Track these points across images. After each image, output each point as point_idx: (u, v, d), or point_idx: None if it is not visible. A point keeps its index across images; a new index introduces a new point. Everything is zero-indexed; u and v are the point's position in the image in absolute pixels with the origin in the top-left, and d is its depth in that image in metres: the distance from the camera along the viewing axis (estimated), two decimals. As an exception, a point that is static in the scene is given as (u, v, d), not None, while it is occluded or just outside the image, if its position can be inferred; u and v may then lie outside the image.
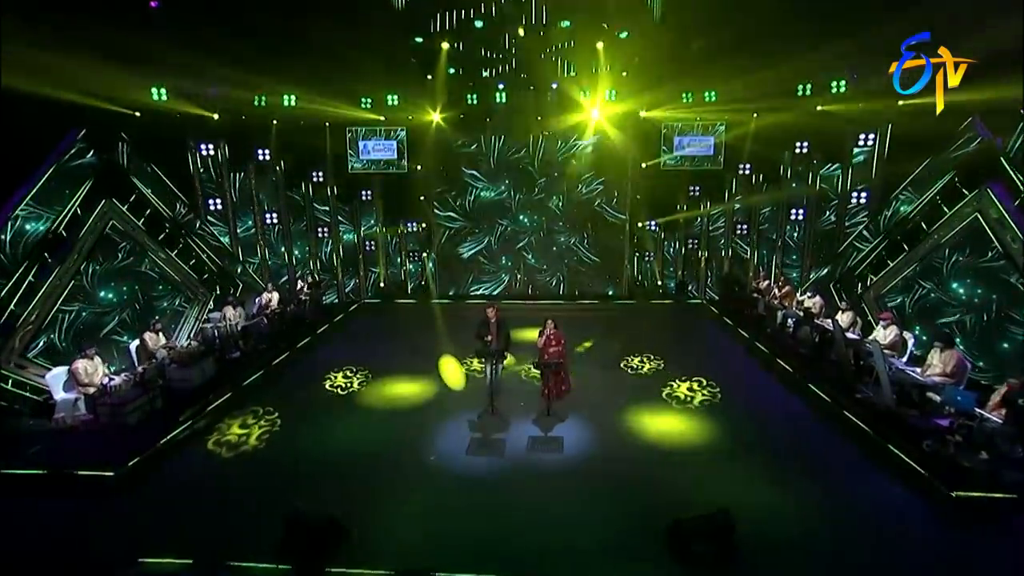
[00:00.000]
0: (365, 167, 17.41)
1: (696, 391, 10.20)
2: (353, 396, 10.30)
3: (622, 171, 17.40)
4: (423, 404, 9.95)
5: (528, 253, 18.11)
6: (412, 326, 15.15)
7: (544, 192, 17.66)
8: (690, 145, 17.27)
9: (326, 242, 17.38)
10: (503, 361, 9.81)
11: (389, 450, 8.24)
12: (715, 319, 15.37)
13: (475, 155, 17.55)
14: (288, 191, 16.27)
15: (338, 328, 15.01)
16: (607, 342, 13.28)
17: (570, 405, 9.58)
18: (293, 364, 12.03)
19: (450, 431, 8.76)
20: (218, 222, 14.93)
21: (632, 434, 8.59)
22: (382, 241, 18.12)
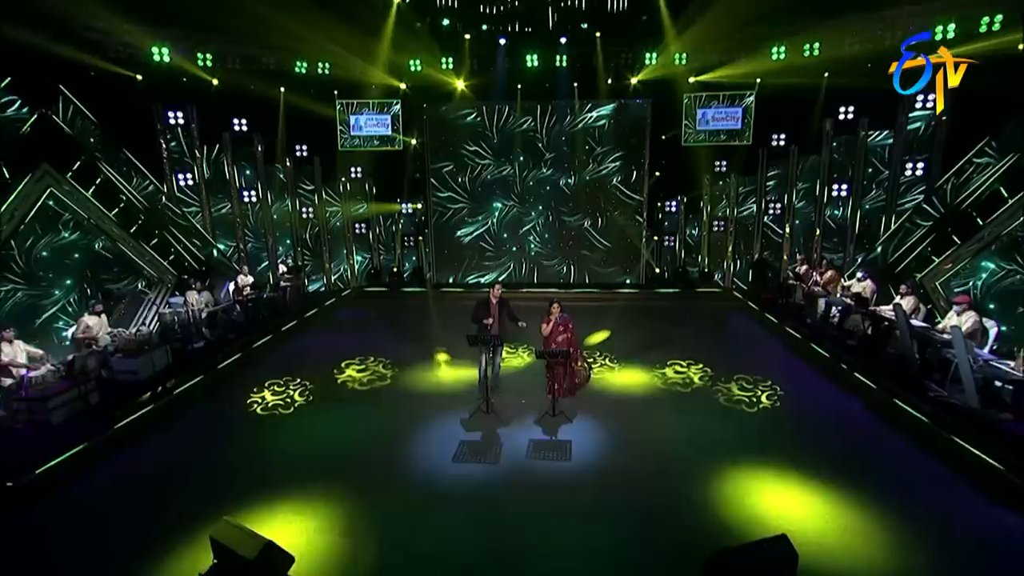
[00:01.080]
0: (358, 145, 16.27)
1: (732, 390, 8.89)
2: (325, 391, 9.10)
3: (640, 145, 16.06)
4: (404, 400, 8.74)
5: (534, 237, 16.83)
6: (402, 316, 13.99)
7: (553, 169, 16.37)
8: (715, 118, 15.99)
9: (312, 224, 16.23)
10: (502, 349, 8.58)
11: (362, 454, 7.03)
12: (745, 309, 14.05)
13: (476, 127, 16.29)
14: (269, 166, 15.11)
15: (321, 317, 13.88)
16: (624, 335, 12.02)
17: (580, 404, 8.33)
18: (267, 354, 10.88)
19: (434, 433, 7.54)
20: (189, 199, 13.79)
21: (655, 439, 7.30)
22: (373, 223, 16.96)
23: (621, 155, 16.18)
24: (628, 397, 8.72)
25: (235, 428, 7.83)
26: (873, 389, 8.30)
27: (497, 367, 8.70)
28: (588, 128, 16.12)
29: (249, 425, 7.92)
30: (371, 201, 16.87)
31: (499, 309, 8.41)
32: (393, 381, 9.53)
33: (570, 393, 8.52)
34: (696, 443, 7.14)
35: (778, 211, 14.90)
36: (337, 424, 7.94)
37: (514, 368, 10.15)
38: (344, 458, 6.93)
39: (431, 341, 11.40)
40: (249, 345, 10.74)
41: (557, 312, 8.31)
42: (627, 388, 9.10)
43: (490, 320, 8.27)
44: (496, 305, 8.44)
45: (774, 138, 14.57)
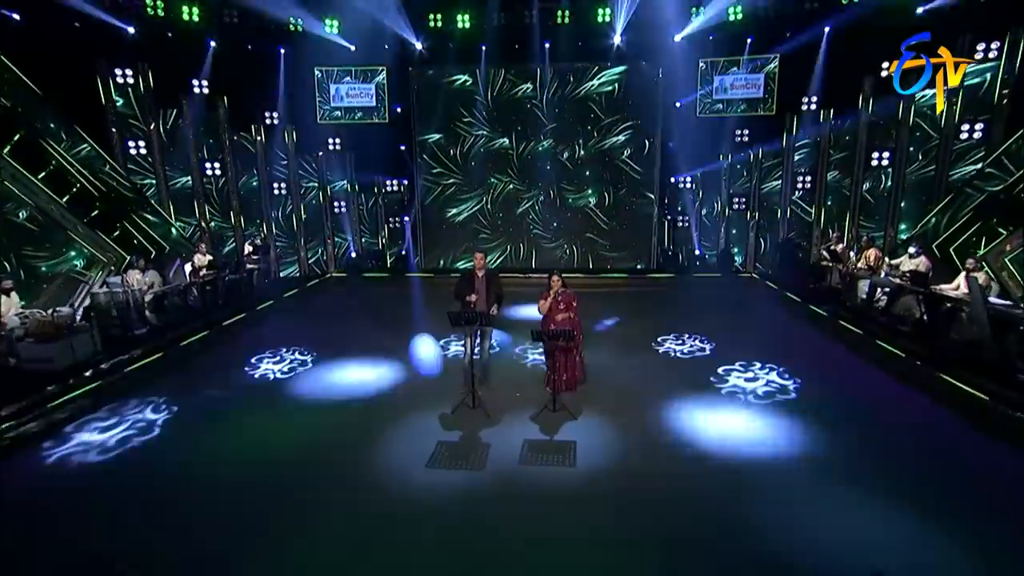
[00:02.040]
0: (338, 117, 15.12)
1: (767, 382, 7.63)
2: (283, 385, 7.86)
3: (652, 114, 14.83)
4: (376, 394, 7.48)
5: (534, 217, 15.61)
6: (384, 303, 12.74)
7: (554, 140, 15.17)
8: (734, 86, 14.79)
9: (285, 201, 14.99)
10: (491, 331, 7.33)
11: (313, 460, 5.77)
12: (772, 294, 12.77)
13: (468, 93, 15.04)
14: (235, 135, 13.86)
15: (291, 303, 12.62)
16: (636, 322, 10.79)
17: (586, 398, 7.08)
18: (215, 344, 9.63)
19: (405, 432, 6.29)
20: (142, 169, 12.52)
21: (678, 441, 6.04)
22: (354, 202, 15.72)
23: (630, 125, 15.03)
24: (640, 390, 7.45)
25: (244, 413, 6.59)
26: (943, 380, 7.03)
27: (487, 354, 7.46)
28: (593, 95, 14.94)
29: (175, 423, 6.67)
30: (353, 176, 15.63)
31: (486, 284, 7.16)
32: (367, 372, 8.27)
33: (572, 387, 7.27)
34: (735, 447, 5.87)
35: (808, 185, 13.62)
36: (282, 423, 6.68)
37: (509, 356, 8.91)
38: (282, 465, 5.67)
39: (413, 328, 10.16)
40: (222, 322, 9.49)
41: (558, 286, 7.06)
42: (639, 379, 7.84)
43: (474, 297, 7.03)
44: (483, 279, 7.19)
45: (804, 101, 13.26)
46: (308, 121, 14.85)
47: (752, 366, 8.14)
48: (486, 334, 7.30)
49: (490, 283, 7.18)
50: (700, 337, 9.56)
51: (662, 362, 8.56)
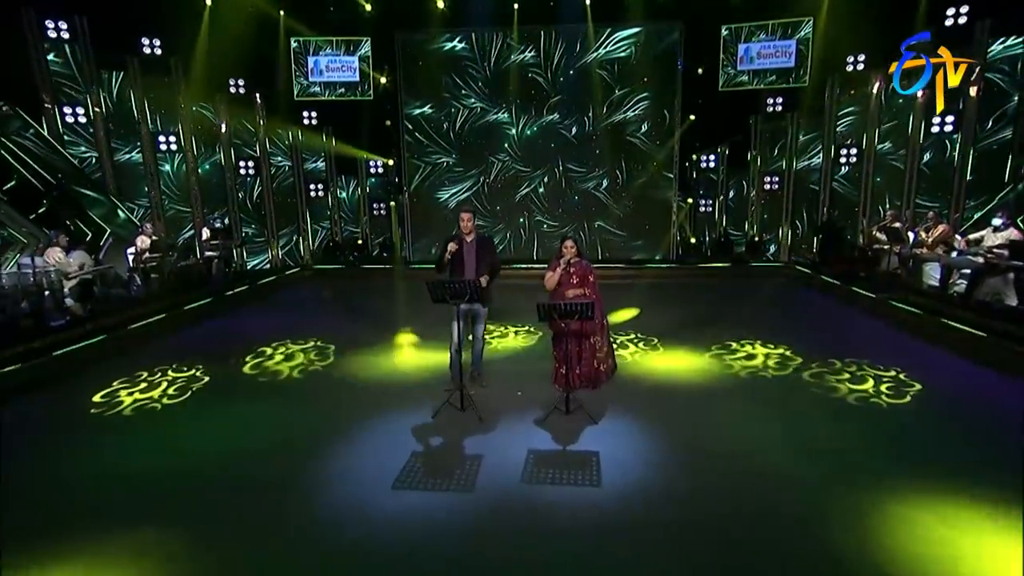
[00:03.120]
0: (317, 93, 14.10)
1: (830, 378, 6.25)
2: (231, 382, 6.47)
3: (670, 83, 13.65)
4: (340, 394, 6.11)
5: (536, 201, 14.39)
6: (365, 297, 11.57)
7: (560, 114, 13.99)
8: (762, 54, 13.57)
9: (254, 182, 13.69)
10: (484, 312, 5.96)
11: (238, 479, 4.38)
12: (811, 283, 11.45)
13: (462, 60, 13.83)
14: (197, 106, 12.57)
15: (254, 296, 11.30)
16: (657, 313, 9.47)
17: (609, 396, 5.71)
18: (150, 338, 8.28)
19: (374, 440, 4.91)
20: (82, 140, 11.20)
21: (736, 450, 4.64)
22: (333, 185, 14.45)
23: (646, 96, 13.81)
24: (680, 387, 6.09)
25: (62, 436, 5.18)
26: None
27: (479, 343, 6.08)
28: (605, 61, 13.72)
29: (87, 432, 5.28)
30: (331, 155, 14.40)
31: (476, 253, 5.80)
32: (331, 369, 6.91)
33: (590, 384, 5.90)
34: (804, 456, 4.48)
35: (853, 158, 12.28)
36: (228, 429, 5.31)
37: (509, 349, 7.55)
38: (216, 482, 4.28)
39: (395, 324, 8.83)
40: (128, 323, 8.12)
41: (571, 252, 5.72)
42: (676, 374, 6.48)
43: (454, 246, 5.66)
44: (472, 245, 5.84)
45: (850, 60, 11.97)
46: (284, 95, 13.63)
47: (820, 364, 6.75)
48: (478, 316, 5.93)
49: (482, 252, 5.83)
50: (743, 328, 8.19)
51: (699, 354, 7.16)
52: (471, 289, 5.22)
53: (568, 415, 5.27)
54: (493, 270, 5.83)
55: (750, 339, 7.72)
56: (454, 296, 5.28)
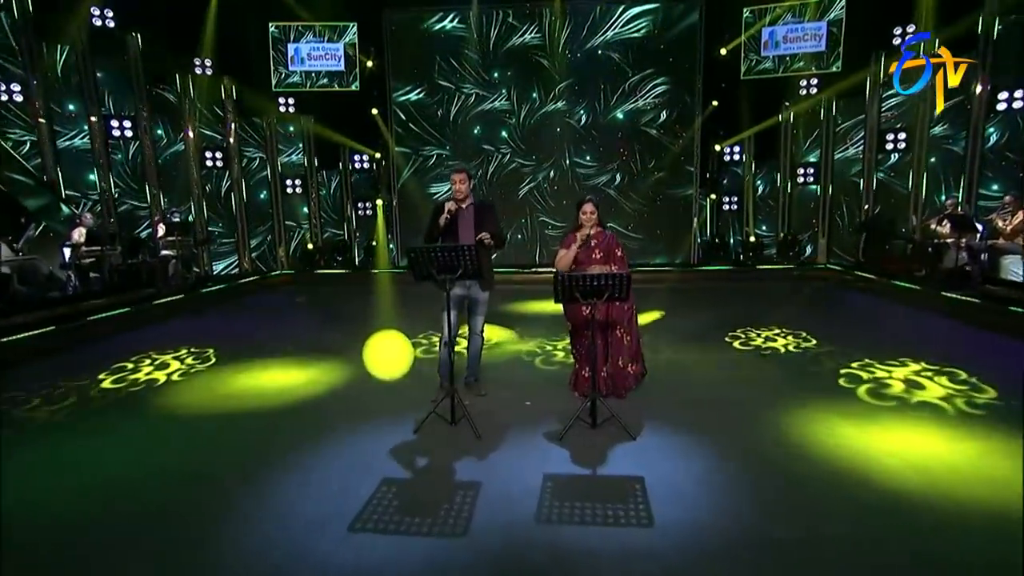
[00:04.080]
0: (298, 83, 13.29)
1: (924, 382, 5.08)
2: (165, 392, 5.28)
3: (690, 67, 12.82)
4: (305, 402, 4.92)
5: (540, 199, 13.45)
6: (347, 303, 10.52)
7: (567, 101, 13.07)
8: (788, 38, 12.74)
9: (222, 176, 12.65)
10: (484, 300, 4.81)
11: (164, 508, 3.18)
12: (856, 285, 10.38)
13: (457, 40, 13.02)
14: (156, 86, 11.55)
15: (217, 299, 10.17)
16: (687, 315, 8.38)
17: (643, 404, 4.55)
18: (77, 345, 7.12)
19: (336, 461, 3.71)
20: (18, 120, 10.12)
21: (835, 470, 3.45)
22: (313, 181, 13.45)
23: (664, 81, 12.92)
24: (726, 393, 4.93)
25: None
26: None
27: (478, 339, 4.93)
28: (618, 42, 12.85)
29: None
30: (311, 147, 13.42)
31: (476, 220, 4.69)
32: (284, 376, 5.73)
33: (614, 390, 4.75)
34: (918, 473, 3.30)
35: (901, 145, 11.26)
36: (123, 453, 4.10)
37: (514, 352, 6.39)
38: (96, 526, 3.08)
39: (375, 327, 7.67)
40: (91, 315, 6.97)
41: (591, 217, 4.64)
42: (717, 379, 5.35)
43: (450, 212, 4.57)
44: (470, 211, 4.74)
45: (896, 32, 11.01)
46: (257, 76, 12.68)
47: (899, 365, 5.59)
48: (476, 304, 4.80)
49: (482, 221, 4.71)
50: (792, 328, 7.07)
51: (749, 357, 6.00)
52: (466, 259, 4.06)
53: (595, 429, 4.11)
54: (498, 241, 4.71)
55: (793, 338, 6.57)
56: (443, 270, 4.12)
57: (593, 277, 3.92)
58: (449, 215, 4.57)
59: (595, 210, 4.77)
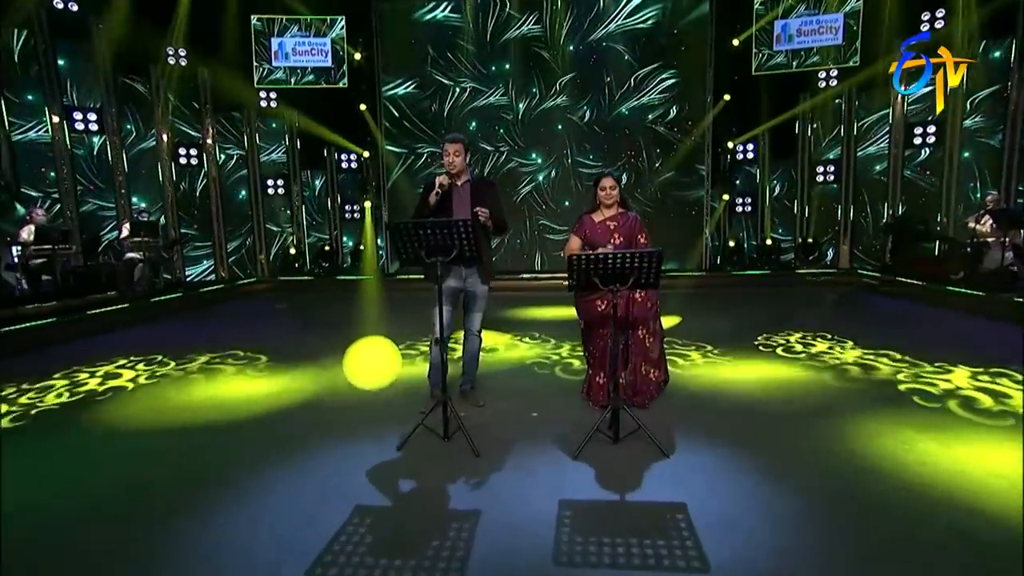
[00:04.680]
0: (281, 80, 12.82)
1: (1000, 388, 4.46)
2: (108, 405, 4.61)
3: (700, 58, 12.41)
4: (272, 414, 4.26)
5: (539, 200, 12.96)
6: (329, 311, 9.96)
7: (569, 96, 12.61)
8: (802, 32, 12.35)
9: (196, 174, 12.05)
10: (483, 294, 4.19)
11: (90, 539, 2.51)
12: (888, 290, 9.80)
13: (451, 30, 12.57)
14: (124, 76, 10.97)
15: (188, 306, 9.55)
16: (708, 320, 7.82)
17: (666, 417, 3.93)
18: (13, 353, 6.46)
19: (294, 485, 3.07)
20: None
21: (928, 497, 2.82)
22: (295, 181, 12.94)
23: (673, 75, 12.48)
24: (765, 400, 4.33)
25: None
26: None
27: (475, 340, 4.30)
28: (624, 33, 12.40)
29: None
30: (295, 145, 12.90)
31: (473, 199, 4.08)
32: (253, 384, 5.08)
33: (638, 399, 4.14)
34: None
35: (930, 138, 10.76)
36: (71, 468, 3.46)
37: (516, 360, 5.76)
38: None
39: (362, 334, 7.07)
40: None
41: (611, 194, 4.11)
42: (752, 386, 4.74)
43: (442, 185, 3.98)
44: (467, 189, 4.14)
45: (925, 18, 10.53)
46: (237, 71, 12.16)
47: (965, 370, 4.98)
48: (474, 298, 4.19)
49: (480, 201, 4.09)
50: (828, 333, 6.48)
51: (784, 363, 5.37)
52: (462, 237, 3.44)
53: (617, 444, 3.48)
54: (499, 225, 4.11)
55: (828, 341, 5.98)
56: (433, 251, 3.49)
57: (617, 256, 3.31)
58: (441, 190, 3.96)
59: (616, 186, 4.20)
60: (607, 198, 4.18)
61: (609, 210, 4.24)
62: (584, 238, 4.26)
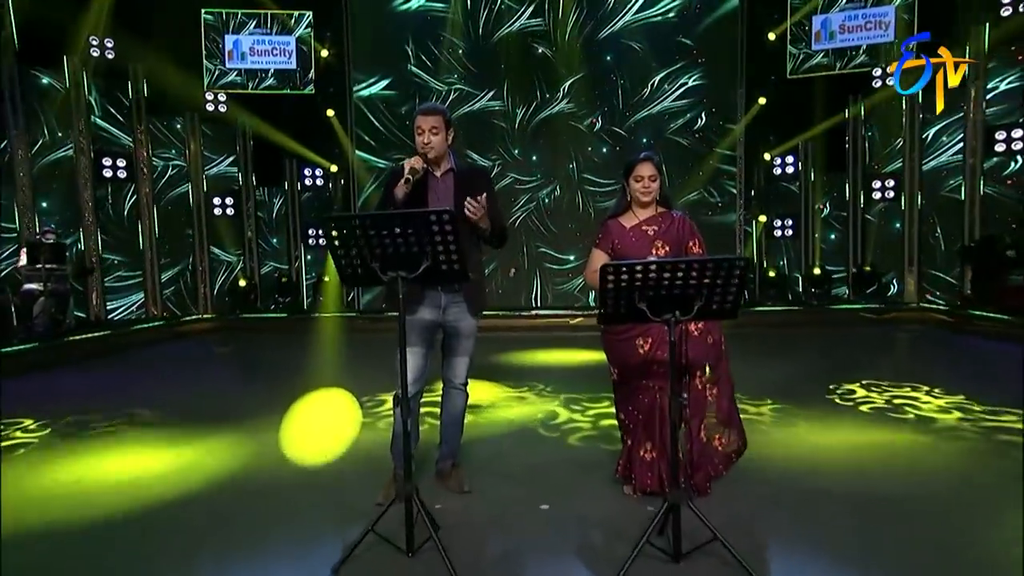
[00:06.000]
0: (237, 83, 12.38)
1: None
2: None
3: (731, 57, 12.04)
4: (156, 508, 3.29)
5: (539, 224, 12.40)
6: (284, 353, 9.41)
7: (575, 102, 12.16)
8: (845, 28, 12.12)
9: (125, 190, 11.29)
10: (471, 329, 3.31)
11: None
12: (979, 327, 9.10)
13: (435, 26, 12.12)
14: (31, 68, 10.23)
15: (101, 349, 8.79)
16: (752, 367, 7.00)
17: (742, 507, 2.99)
18: None
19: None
20: None
21: None
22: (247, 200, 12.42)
23: (699, 75, 12.02)
24: (896, 479, 3.42)
25: None
26: None
27: (459, 397, 3.45)
28: (641, 28, 12.02)
29: None
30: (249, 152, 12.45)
31: (457, 193, 3.27)
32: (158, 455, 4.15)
33: (696, 481, 3.22)
34: None
35: (1018, 143, 10.14)
36: None
37: (515, 421, 4.86)
38: None
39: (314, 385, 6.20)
40: None
41: (649, 187, 3.32)
42: (868, 457, 3.88)
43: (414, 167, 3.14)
44: (449, 180, 3.39)
45: (1005, 1, 10.04)
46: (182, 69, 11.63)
47: None
48: (456, 336, 3.39)
49: (466, 193, 3.20)
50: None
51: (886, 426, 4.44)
52: (439, 241, 2.51)
53: (680, 564, 2.48)
54: (498, 230, 3.39)
55: (923, 393, 5.31)
56: (391, 264, 2.56)
57: (679, 264, 2.37)
58: (412, 177, 3.07)
59: (657, 175, 3.33)
60: (644, 192, 3.31)
61: (645, 210, 3.41)
62: (612, 251, 3.39)
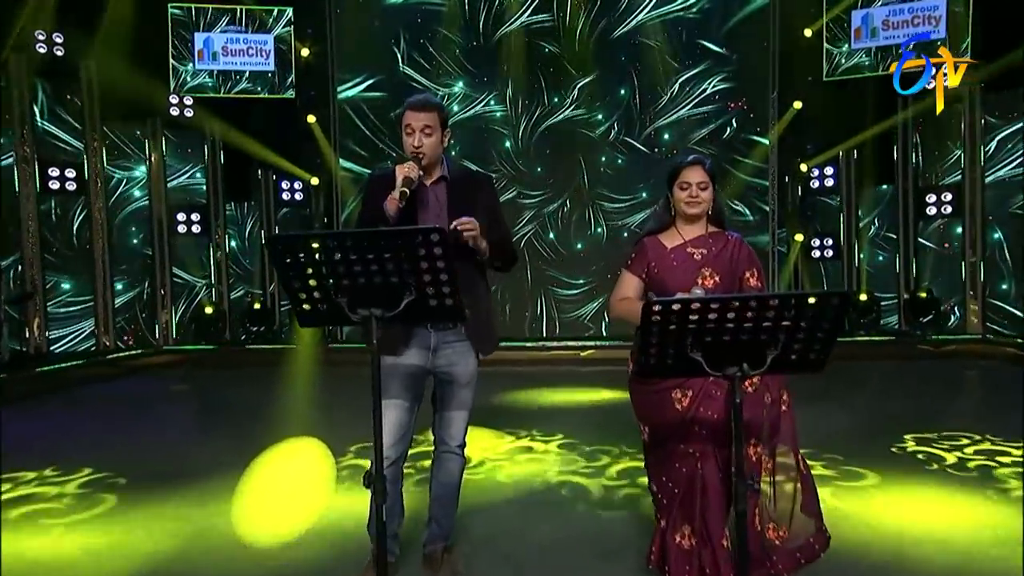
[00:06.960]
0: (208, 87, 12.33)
1: None
2: None
3: (761, 57, 11.94)
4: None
5: (546, 245, 12.20)
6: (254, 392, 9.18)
7: (586, 107, 12.09)
8: (889, 24, 12.03)
9: (74, 205, 11.08)
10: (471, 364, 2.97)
11: None
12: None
13: (429, 22, 12.07)
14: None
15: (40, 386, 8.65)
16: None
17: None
18: None
19: None
20: None
21: None
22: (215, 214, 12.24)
23: (726, 76, 11.95)
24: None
25: None
26: None
27: (454, 462, 3.11)
28: (661, 25, 11.98)
29: None
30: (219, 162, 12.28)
31: (451, 204, 2.96)
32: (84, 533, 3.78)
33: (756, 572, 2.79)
34: None
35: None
36: None
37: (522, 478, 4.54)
38: None
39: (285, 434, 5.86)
40: None
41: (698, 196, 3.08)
42: (979, 545, 3.44)
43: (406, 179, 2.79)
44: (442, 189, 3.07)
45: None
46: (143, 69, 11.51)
47: None
48: (452, 385, 3.08)
49: (463, 205, 2.84)
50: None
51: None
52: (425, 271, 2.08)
53: None
54: (501, 250, 3.06)
55: None
56: (361, 300, 2.13)
57: (745, 302, 1.93)
58: (408, 189, 2.69)
59: (708, 183, 2.95)
60: (692, 202, 2.95)
61: (693, 227, 3.06)
62: (646, 277, 2.97)
